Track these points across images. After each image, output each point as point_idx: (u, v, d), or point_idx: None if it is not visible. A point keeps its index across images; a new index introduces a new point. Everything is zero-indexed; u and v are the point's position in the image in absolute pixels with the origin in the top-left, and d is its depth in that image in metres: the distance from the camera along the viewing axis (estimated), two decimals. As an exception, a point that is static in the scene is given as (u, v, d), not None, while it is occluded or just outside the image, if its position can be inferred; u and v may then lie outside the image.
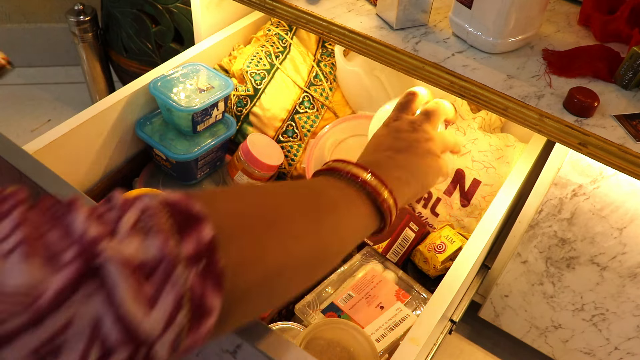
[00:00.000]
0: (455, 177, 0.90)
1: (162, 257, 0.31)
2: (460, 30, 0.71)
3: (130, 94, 0.87)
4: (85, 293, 0.29)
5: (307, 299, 0.76)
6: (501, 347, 1.05)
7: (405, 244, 0.83)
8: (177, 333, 0.32)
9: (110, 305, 0.29)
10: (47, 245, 0.29)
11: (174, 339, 0.32)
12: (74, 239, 0.30)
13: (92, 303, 0.29)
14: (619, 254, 0.75)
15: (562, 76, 0.67)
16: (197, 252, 0.33)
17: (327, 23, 0.75)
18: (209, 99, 0.86)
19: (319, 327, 0.65)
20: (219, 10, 1.01)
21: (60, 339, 0.28)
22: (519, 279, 0.89)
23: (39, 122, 1.53)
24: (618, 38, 0.72)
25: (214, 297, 0.34)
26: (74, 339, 0.29)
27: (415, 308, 0.76)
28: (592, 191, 0.72)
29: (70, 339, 0.29)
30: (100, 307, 0.29)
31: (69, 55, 1.67)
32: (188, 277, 0.32)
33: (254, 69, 0.98)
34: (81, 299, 0.29)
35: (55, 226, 0.30)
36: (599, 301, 0.82)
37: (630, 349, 0.84)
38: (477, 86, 0.65)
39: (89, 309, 0.29)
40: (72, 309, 0.29)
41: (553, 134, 0.62)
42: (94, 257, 0.29)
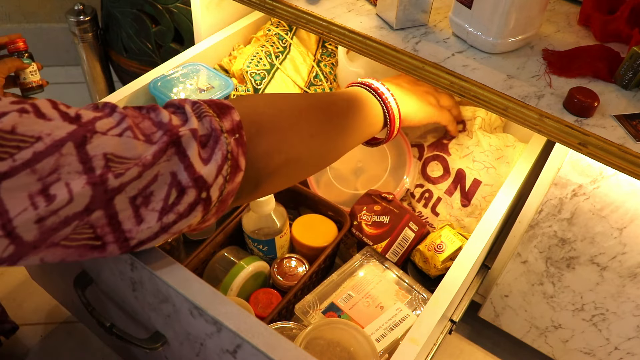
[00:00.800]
0: (455, 177, 0.90)
1: (212, 129, 0.48)
2: (460, 30, 0.71)
3: (130, 94, 0.87)
4: (168, 155, 0.45)
5: (307, 299, 0.76)
6: (501, 347, 1.05)
7: (405, 243, 0.83)
8: (223, 180, 0.48)
9: (182, 162, 0.45)
10: (143, 130, 0.45)
11: (221, 184, 0.48)
12: (161, 125, 0.46)
13: (172, 161, 0.45)
14: (619, 254, 0.75)
15: (562, 76, 0.67)
16: (233, 127, 0.49)
17: (327, 23, 0.75)
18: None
19: (319, 327, 0.65)
20: (219, 10, 1.01)
21: (150, 188, 0.44)
22: (519, 279, 0.89)
23: (39, 122, 1.53)
24: (618, 38, 0.72)
25: (242, 159, 0.49)
26: (160, 187, 0.45)
27: (415, 308, 0.76)
28: (592, 191, 0.72)
29: (157, 187, 0.44)
30: (176, 164, 0.45)
31: (69, 55, 1.67)
32: (230, 142, 0.48)
33: (254, 69, 0.98)
34: (165, 159, 0.44)
35: (146, 118, 0.46)
36: (599, 301, 0.82)
37: (630, 349, 0.84)
38: (477, 86, 0.65)
39: (169, 165, 0.45)
40: (159, 167, 0.44)
41: (553, 134, 0.62)
42: (177, 133, 0.45)
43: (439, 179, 0.91)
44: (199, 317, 0.53)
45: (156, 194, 0.44)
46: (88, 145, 0.41)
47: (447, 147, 0.92)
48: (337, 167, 0.96)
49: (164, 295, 0.55)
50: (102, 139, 0.42)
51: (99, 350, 0.99)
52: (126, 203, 0.43)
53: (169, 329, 0.60)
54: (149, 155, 0.43)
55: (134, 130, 0.43)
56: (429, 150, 0.93)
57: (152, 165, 0.43)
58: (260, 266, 0.81)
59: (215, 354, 0.56)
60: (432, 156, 0.93)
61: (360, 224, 0.85)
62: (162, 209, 0.45)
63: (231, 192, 0.50)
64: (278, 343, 0.49)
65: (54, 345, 1.01)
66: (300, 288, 0.78)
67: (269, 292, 0.80)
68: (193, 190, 0.46)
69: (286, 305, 0.76)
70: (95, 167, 0.41)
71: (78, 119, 0.42)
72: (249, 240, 0.84)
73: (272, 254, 0.84)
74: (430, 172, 0.92)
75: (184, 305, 0.53)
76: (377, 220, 0.85)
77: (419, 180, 0.94)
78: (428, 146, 0.94)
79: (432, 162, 0.92)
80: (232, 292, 0.77)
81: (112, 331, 0.60)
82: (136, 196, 0.43)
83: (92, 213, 0.41)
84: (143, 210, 0.44)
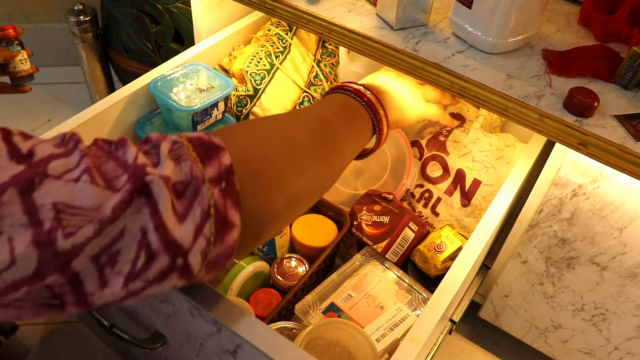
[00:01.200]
0: (455, 177, 0.90)
1: (191, 178, 0.39)
2: (460, 30, 0.71)
3: (130, 94, 0.87)
4: (135, 207, 0.36)
5: (307, 299, 0.77)
6: (501, 347, 1.05)
7: (405, 243, 0.83)
8: (205, 242, 0.39)
9: (153, 218, 0.36)
10: (105, 173, 0.37)
11: (204, 248, 0.39)
12: (127, 167, 0.37)
13: (141, 215, 0.36)
14: (619, 254, 0.75)
15: (562, 76, 0.67)
16: (219, 174, 0.40)
17: (327, 23, 0.75)
18: (209, 99, 0.86)
19: (319, 327, 0.65)
20: (219, 10, 1.01)
21: (116, 246, 0.36)
22: (519, 279, 0.89)
23: (39, 122, 1.53)
24: (618, 38, 0.72)
25: (234, 212, 0.40)
26: (127, 246, 0.36)
27: (415, 308, 0.76)
28: (592, 191, 0.72)
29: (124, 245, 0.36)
30: (146, 219, 0.36)
31: (69, 55, 1.67)
32: (213, 194, 0.39)
33: (254, 69, 0.98)
34: (132, 211, 0.36)
35: (111, 158, 0.38)
36: (599, 301, 0.82)
37: (630, 349, 0.84)
38: (477, 86, 0.65)
39: (138, 220, 0.36)
40: (125, 220, 0.36)
41: (553, 134, 0.62)
42: (143, 178, 0.36)
43: (439, 179, 0.91)
44: (199, 317, 0.53)
45: (124, 253, 0.36)
46: (35, 192, 0.34)
47: (445, 146, 0.92)
48: (337, 167, 0.96)
49: (164, 295, 0.55)
50: (53, 184, 0.34)
51: (99, 350, 0.99)
52: (87, 263, 0.35)
53: (169, 329, 0.60)
54: (107, 210, 0.35)
55: (93, 174, 0.36)
56: (428, 150, 0.93)
57: (113, 220, 0.35)
58: (260, 266, 0.81)
59: (215, 354, 0.56)
60: (431, 156, 0.93)
61: (360, 224, 0.85)
62: (129, 273, 0.37)
63: (223, 254, 0.41)
64: (278, 343, 0.49)
65: (53, 345, 1.01)
66: (300, 288, 0.78)
67: (269, 292, 0.80)
68: (165, 255, 0.37)
69: (286, 305, 0.76)
70: (42, 219, 0.33)
71: (29, 157, 0.35)
72: (249, 240, 0.84)
73: (272, 254, 0.84)
74: (430, 172, 0.92)
75: (184, 305, 0.53)
76: (377, 220, 0.85)
77: (419, 180, 0.94)
78: (427, 145, 0.94)
79: (431, 162, 0.92)
80: (232, 292, 0.77)
81: (112, 331, 0.61)
82: (99, 255, 0.36)
83: (45, 278, 0.34)
84: (108, 271, 0.36)
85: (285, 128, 0.53)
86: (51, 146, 0.37)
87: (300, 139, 0.52)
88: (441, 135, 0.94)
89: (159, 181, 0.37)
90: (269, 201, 0.46)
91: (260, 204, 0.45)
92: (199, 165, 0.39)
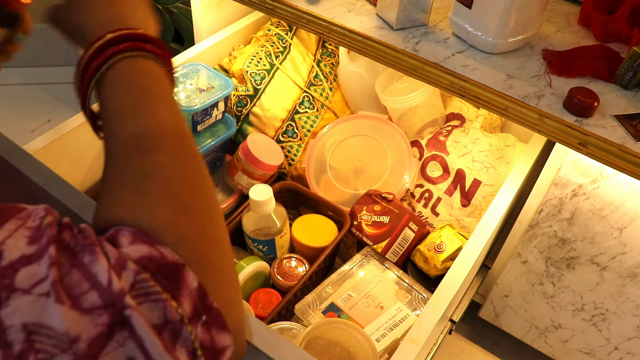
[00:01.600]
0: (455, 177, 0.90)
1: (166, 321, 0.33)
2: (460, 30, 0.71)
3: (130, 94, 0.87)
4: (118, 342, 0.31)
5: (307, 299, 0.76)
6: (501, 347, 1.05)
7: (405, 243, 0.83)
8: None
9: (142, 350, 0.31)
10: (69, 287, 0.31)
11: None
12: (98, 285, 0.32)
13: (127, 347, 0.31)
14: (619, 254, 0.75)
15: (562, 76, 0.67)
16: (195, 307, 0.34)
17: (327, 23, 0.75)
18: (209, 99, 0.86)
19: (319, 327, 0.65)
20: (219, 10, 1.01)
21: None
22: (519, 279, 0.89)
23: (39, 122, 1.53)
24: (618, 38, 0.72)
25: (222, 337, 0.35)
26: None
27: (415, 308, 0.76)
28: (592, 191, 0.72)
29: None
30: (134, 350, 0.31)
31: (69, 55, 1.67)
32: (196, 334, 0.34)
33: (254, 69, 0.98)
34: (115, 346, 0.31)
35: (75, 267, 0.32)
36: (599, 301, 0.82)
37: (630, 349, 0.84)
38: (477, 86, 0.65)
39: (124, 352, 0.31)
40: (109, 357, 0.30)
41: (553, 134, 0.62)
42: (122, 312, 0.31)
43: (439, 179, 0.91)
44: (199, 317, 0.53)
45: None
46: (3, 310, 0.29)
47: (445, 146, 0.92)
48: (337, 167, 0.96)
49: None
50: (22, 300, 0.30)
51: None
52: None
53: (169, 329, 0.60)
54: (82, 343, 0.30)
55: (58, 289, 0.31)
56: (428, 150, 0.93)
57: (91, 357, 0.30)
58: (260, 266, 0.81)
59: (215, 354, 0.56)
60: (431, 156, 0.93)
61: (360, 224, 0.85)
62: None
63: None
64: (278, 343, 0.49)
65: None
66: (300, 288, 0.78)
67: (269, 292, 0.80)
68: None
69: (286, 305, 0.76)
70: (12, 341, 0.29)
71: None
72: (249, 240, 0.84)
73: (272, 254, 0.84)
74: (430, 172, 0.92)
75: (184, 305, 0.53)
76: (377, 220, 0.85)
77: (419, 180, 0.94)
78: (427, 145, 0.94)
79: (431, 162, 0.92)
80: (232, 292, 0.77)
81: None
82: None
83: None
84: None
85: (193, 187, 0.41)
86: (24, 242, 0.32)
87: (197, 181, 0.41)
88: (441, 135, 0.94)
89: (139, 317, 0.31)
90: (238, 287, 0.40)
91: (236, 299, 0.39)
92: (174, 305, 0.33)
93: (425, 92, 0.91)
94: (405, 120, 0.96)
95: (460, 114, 0.95)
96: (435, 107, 0.95)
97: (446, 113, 0.97)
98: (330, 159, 0.97)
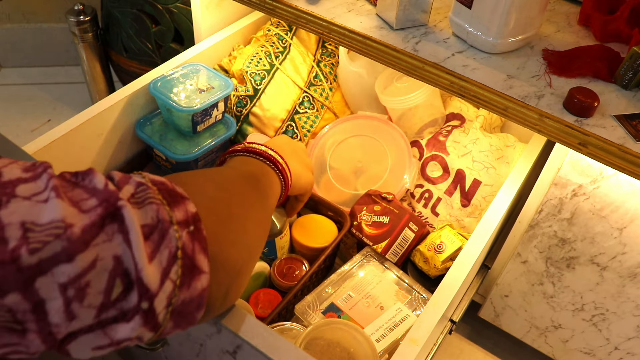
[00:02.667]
0: (455, 177, 0.90)
1: (157, 221, 0.37)
2: (460, 30, 0.71)
3: (130, 94, 0.87)
4: (107, 234, 0.34)
5: (307, 300, 0.76)
6: (501, 347, 1.05)
7: (405, 244, 0.83)
8: (172, 286, 0.37)
9: (128, 246, 0.34)
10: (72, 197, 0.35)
11: (170, 292, 0.36)
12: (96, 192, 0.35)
13: (114, 242, 0.34)
14: (619, 254, 0.75)
15: (562, 76, 0.67)
16: (186, 218, 0.38)
17: (327, 23, 0.75)
18: (208, 99, 0.86)
19: (319, 328, 0.65)
20: (219, 10, 1.01)
21: (86, 277, 0.33)
22: (519, 279, 0.89)
23: (39, 122, 1.53)
24: (618, 38, 0.72)
25: (202, 258, 0.38)
26: (99, 277, 0.34)
27: (415, 308, 0.76)
28: (592, 191, 0.72)
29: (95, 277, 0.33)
30: (120, 246, 0.34)
31: (69, 55, 1.67)
32: (181, 236, 0.37)
33: (254, 69, 0.98)
34: (104, 239, 0.34)
35: (77, 187, 0.36)
36: (599, 301, 0.82)
37: (630, 349, 0.84)
38: (477, 86, 0.65)
39: (111, 248, 0.34)
40: (97, 249, 0.34)
41: (553, 134, 0.62)
42: (115, 203, 0.35)
43: (439, 179, 0.91)
44: (198, 318, 0.53)
45: (94, 285, 0.34)
46: (2, 211, 0.32)
47: (445, 146, 0.92)
48: (337, 167, 0.96)
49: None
50: (21, 204, 0.33)
51: (99, 350, 0.99)
52: (55, 291, 0.33)
53: (169, 329, 0.60)
54: (76, 228, 0.33)
55: (59, 192, 0.34)
56: (428, 150, 0.93)
57: (83, 245, 0.33)
58: (260, 266, 0.81)
59: (215, 354, 0.56)
60: (431, 156, 0.93)
61: (360, 224, 0.85)
62: (102, 305, 0.34)
63: (192, 302, 0.39)
64: (278, 344, 0.49)
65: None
66: (300, 288, 0.78)
67: (269, 293, 0.79)
68: (135, 293, 0.35)
69: (286, 306, 0.76)
70: (8, 237, 0.32)
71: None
72: (249, 240, 0.84)
73: (272, 254, 0.84)
74: (430, 172, 0.92)
75: (183, 305, 0.53)
76: (377, 221, 0.85)
77: (419, 180, 0.94)
78: (427, 145, 0.94)
79: (431, 162, 0.92)
80: (232, 292, 0.77)
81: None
82: (67, 285, 0.33)
83: (5, 295, 0.32)
84: (76, 306, 0.33)
85: (238, 184, 0.52)
86: (19, 170, 0.35)
87: (249, 193, 0.52)
88: (441, 135, 0.94)
89: (130, 209, 0.35)
90: (236, 252, 0.44)
91: (228, 254, 0.43)
92: (166, 208, 0.38)
93: (425, 92, 0.91)
94: (405, 121, 0.96)
95: (460, 114, 0.95)
96: (435, 107, 0.95)
97: (446, 113, 0.97)
98: (330, 159, 0.97)
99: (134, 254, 0.34)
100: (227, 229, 0.44)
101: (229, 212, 0.45)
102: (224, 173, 0.55)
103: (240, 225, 0.46)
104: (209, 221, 0.41)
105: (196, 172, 0.51)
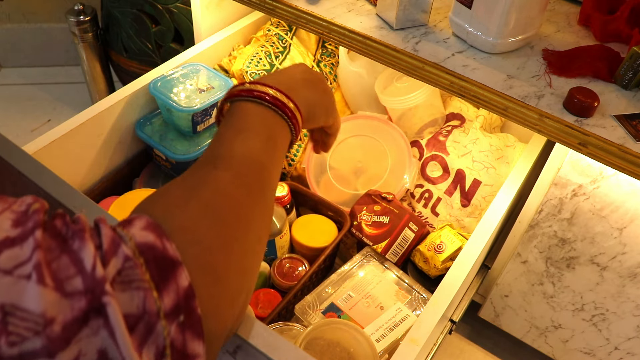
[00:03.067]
0: (455, 177, 0.90)
1: (144, 312, 0.33)
2: (460, 30, 0.71)
3: (130, 94, 0.87)
4: (92, 329, 0.31)
5: (307, 300, 0.76)
6: (501, 347, 1.05)
7: (405, 244, 0.83)
8: None
9: (114, 340, 0.31)
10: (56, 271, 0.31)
11: None
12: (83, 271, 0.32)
13: (99, 336, 0.31)
14: (619, 254, 0.75)
15: (562, 76, 0.67)
16: (177, 304, 0.35)
17: (327, 23, 0.75)
18: (208, 99, 0.86)
19: (319, 328, 0.65)
20: (219, 10, 1.01)
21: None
22: (519, 279, 0.89)
23: (39, 122, 1.53)
24: (618, 38, 0.72)
25: (196, 344, 0.35)
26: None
27: (415, 308, 0.76)
28: (592, 191, 0.72)
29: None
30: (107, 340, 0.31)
31: (69, 55, 1.67)
32: (169, 332, 0.34)
33: (254, 69, 0.98)
34: (88, 333, 0.31)
35: (64, 252, 0.33)
36: (599, 301, 0.82)
37: (630, 349, 0.84)
38: (477, 86, 0.65)
39: (96, 342, 0.31)
40: (80, 344, 0.31)
41: (553, 134, 0.62)
42: (100, 299, 0.32)
43: (439, 179, 0.91)
44: (198, 318, 0.53)
45: None
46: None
47: (445, 146, 0.92)
48: (337, 167, 0.96)
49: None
50: (2, 281, 0.30)
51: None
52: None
53: (168, 329, 0.60)
54: (56, 326, 0.30)
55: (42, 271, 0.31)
56: (428, 150, 0.93)
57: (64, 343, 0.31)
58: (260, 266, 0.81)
59: (215, 354, 0.56)
60: (431, 156, 0.93)
61: (360, 224, 0.85)
62: None
63: None
64: (278, 344, 0.49)
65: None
66: (300, 288, 0.78)
67: (269, 293, 0.80)
68: None
69: (286, 306, 0.76)
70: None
71: None
72: (249, 240, 0.84)
73: (272, 254, 0.84)
74: (430, 173, 0.92)
75: (183, 305, 0.53)
76: (377, 221, 0.85)
77: (419, 180, 0.94)
78: (427, 145, 0.94)
79: (431, 162, 0.92)
80: (232, 292, 0.77)
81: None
82: None
83: None
84: None
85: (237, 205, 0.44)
86: (9, 223, 0.32)
87: (248, 208, 0.45)
88: (441, 135, 0.94)
89: (115, 305, 0.32)
90: (233, 305, 0.41)
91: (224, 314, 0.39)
92: (154, 294, 0.34)
93: (425, 92, 0.91)
94: (405, 121, 0.96)
95: (460, 114, 0.95)
96: (435, 107, 0.95)
97: (446, 113, 0.97)
98: (330, 159, 0.97)
99: (121, 349, 0.31)
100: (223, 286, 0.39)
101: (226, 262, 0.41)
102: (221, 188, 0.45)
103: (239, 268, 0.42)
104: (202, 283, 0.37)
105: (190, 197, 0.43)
